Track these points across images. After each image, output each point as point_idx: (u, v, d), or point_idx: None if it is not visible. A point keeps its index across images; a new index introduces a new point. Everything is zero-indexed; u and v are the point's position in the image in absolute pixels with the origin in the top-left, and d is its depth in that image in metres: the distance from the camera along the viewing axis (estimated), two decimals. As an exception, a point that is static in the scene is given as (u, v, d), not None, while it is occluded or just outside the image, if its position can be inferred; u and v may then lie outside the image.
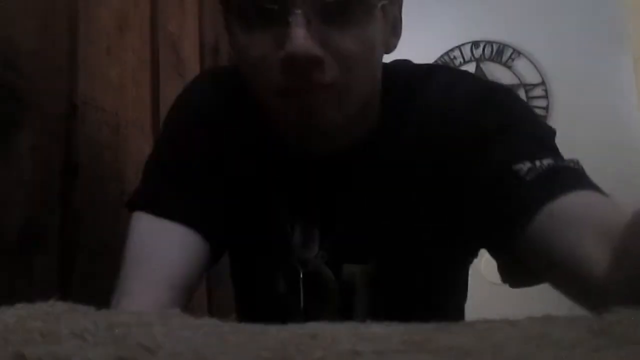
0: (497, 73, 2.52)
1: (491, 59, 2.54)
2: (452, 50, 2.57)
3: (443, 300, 0.66)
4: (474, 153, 0.52)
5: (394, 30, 0.57)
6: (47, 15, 0.66)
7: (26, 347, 0.24)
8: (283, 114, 0.52)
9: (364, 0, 0.47)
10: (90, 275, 0.69)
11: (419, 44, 2.47)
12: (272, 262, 0.62)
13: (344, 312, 0.59)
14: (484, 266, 1.62)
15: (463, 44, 2.57)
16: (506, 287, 0.57)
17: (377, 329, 0.27)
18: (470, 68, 2.54)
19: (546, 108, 2.46)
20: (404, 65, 0.62)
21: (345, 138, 0.56)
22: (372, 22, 0.49)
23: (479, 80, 0.63)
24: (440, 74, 0.59)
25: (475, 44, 2.56)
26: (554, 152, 0.51)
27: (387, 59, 0.59)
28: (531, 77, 2.49)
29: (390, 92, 0.58)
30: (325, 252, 0.59)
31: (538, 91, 2.48)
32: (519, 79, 2.50)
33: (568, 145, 2.39)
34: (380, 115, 0.58)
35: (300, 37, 0.44)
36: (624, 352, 0.23)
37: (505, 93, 0.58)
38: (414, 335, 0.25)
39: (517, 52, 2.51)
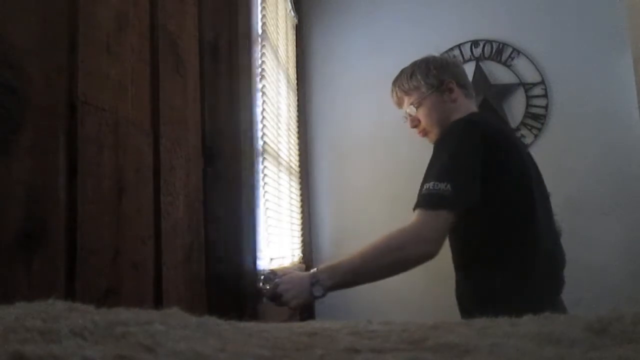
0: (496, 72, 2.53)
1: (491, 58, 2.54)
2: (452, 49, 2.57)
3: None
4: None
5: (447, 90, 1.47)
6: (47, 15, 0.66)
7: (26, 345, 0.24)
8: None
9: (412, 105, 1.51)
10: (90, 275, 0.69)
11: (419, 43, 2.47)
12: None
13: None
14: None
15: (463, 43, 2.57)
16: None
17: (376, 327, 0.27)
18: (470, 67, 2.54)
19: (545, 107, 2.46)
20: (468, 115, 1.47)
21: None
22: (423, 105, 1.48)
23: (460, 120, 1.39)
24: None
25: (475, 43, 2.56)
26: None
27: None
28: (531, 76, 2.49)
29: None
30: None
31: (537, 90, 2.48)
32: (519, 78, 2.50)
33: (567, 144, 2.40)
34: None
35: (409, 122, 1.54)
36: (623, 350, 0.23)
37: (452, 129, 1.37)
38: (412, 333, 0.25)
39: (516, 51, 2.51)
